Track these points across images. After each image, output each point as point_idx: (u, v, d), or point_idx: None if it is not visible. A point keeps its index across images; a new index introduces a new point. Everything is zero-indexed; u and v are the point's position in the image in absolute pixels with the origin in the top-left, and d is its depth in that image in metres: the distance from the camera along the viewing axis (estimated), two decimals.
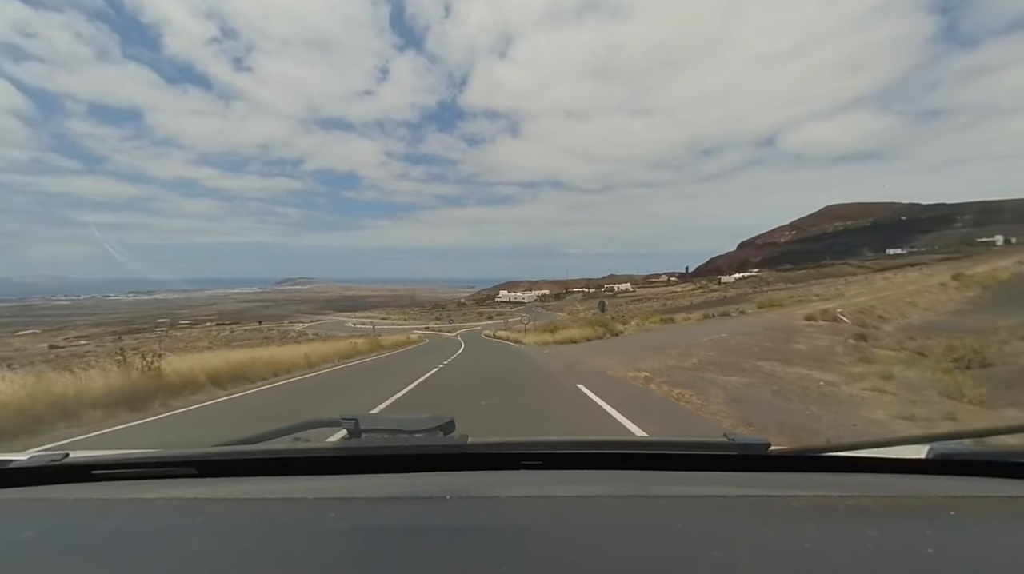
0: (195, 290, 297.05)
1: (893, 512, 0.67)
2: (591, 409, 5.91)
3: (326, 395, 8.43)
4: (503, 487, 0.81)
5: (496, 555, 0.55)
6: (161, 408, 6.82)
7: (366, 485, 0.83)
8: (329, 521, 0.64)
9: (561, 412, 5.94)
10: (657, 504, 0.71)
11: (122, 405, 6.48)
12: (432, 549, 0.57)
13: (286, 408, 7.07)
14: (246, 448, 1.03)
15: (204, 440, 1.20)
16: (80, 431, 5.37)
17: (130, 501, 0.79)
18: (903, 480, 0.87)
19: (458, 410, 1.56)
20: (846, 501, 0.69)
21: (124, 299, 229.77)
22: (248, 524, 0.66)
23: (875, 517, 0.64)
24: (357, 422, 1.03)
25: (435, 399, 7.31)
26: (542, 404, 6.45)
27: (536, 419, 5.56)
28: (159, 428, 5.67)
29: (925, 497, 0.75)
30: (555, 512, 0.68)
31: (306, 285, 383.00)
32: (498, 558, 0.54)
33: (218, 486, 0.88)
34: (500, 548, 0.58)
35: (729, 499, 0.71)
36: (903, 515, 0.67)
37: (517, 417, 5.62)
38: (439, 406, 6.41)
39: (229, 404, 7.39)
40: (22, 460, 0.96)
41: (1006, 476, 0.85)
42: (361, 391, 8.66)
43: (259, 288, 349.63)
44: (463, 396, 7.31)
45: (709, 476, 0.90)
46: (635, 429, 4.82)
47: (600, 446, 1.05)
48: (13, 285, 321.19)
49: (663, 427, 5.03)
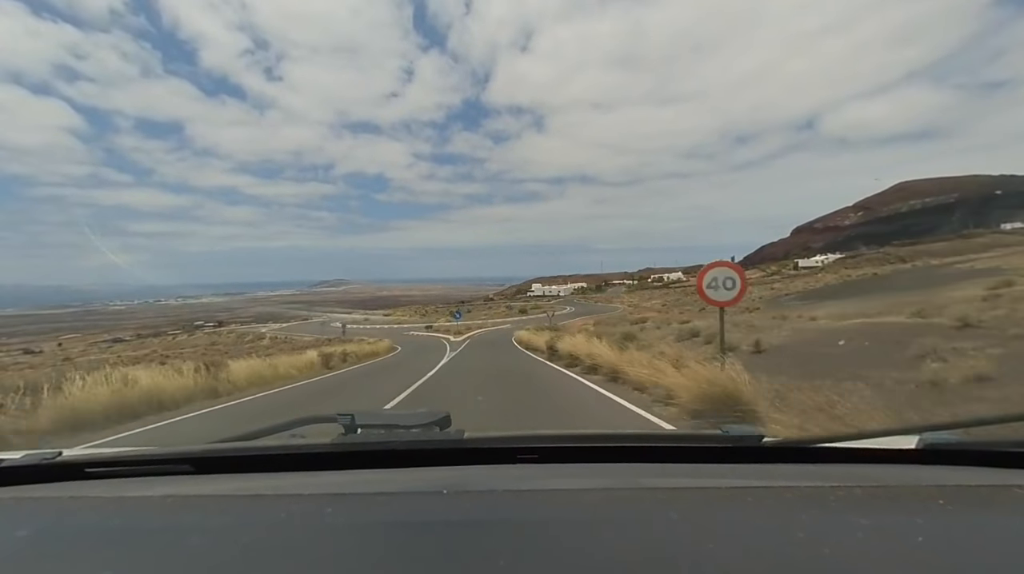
0: (238, 294, 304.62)
1: (884, 502, 0.68)
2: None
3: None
4: (500, 481, 0.81)
5: (494, 548, 0.55)
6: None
7: (363, 481, 0.83)
8: (326, 517, 0.64)
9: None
10: (652, 496, 0.71)
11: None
12: (430, 544, 0.57)
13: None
14: (242, 444, 1.02)
15: (203, 437, 1.15)
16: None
17: (125, 499, 0.78)
18: (894, 470, 0.88)
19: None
20: (838, 491, 0.69)
21: (172, 303, 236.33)
22: (245, 521, 0.65)
23: (866, 507, 0.65)
24: (353, 418, 1.03)
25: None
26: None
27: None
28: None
29: (916, 487, 0.75)
30: (552, 505, 0.68)
31: (340, 286, 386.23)
32: (496, 551, 0.54)
33: (214, 483, 0.88)
34: (498, 541, 0.57)
35: (723, 490, 0.72)
36: (894, 505, 0.67)
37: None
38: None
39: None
40: (15, 459, 0.95)
41: (996, 465, 0.86)
42: None
43: (297, 291, 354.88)
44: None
45: (704, 468, 0.91)
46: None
47: (596, 439, 1.05)
48: (74, 292, 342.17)
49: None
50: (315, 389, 11.37)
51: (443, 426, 1.01)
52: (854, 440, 0.95)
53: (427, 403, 8.74)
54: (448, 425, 1.02)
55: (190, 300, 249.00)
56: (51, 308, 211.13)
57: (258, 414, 7.98)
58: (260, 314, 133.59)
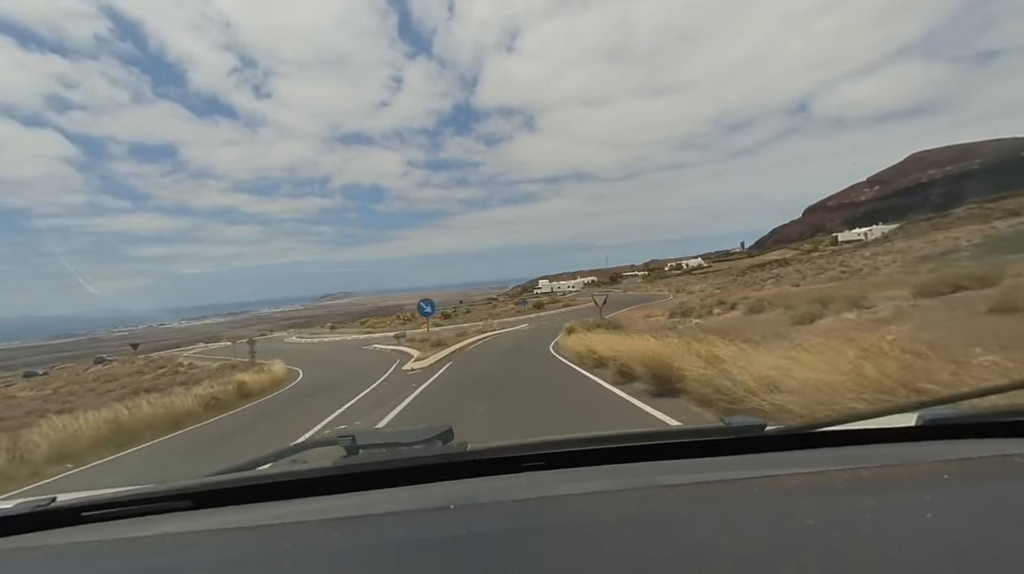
0: (242, 312, 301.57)
1: (888, 481, 0.68)
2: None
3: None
4: (507, 491, 0.80)
5: (506, 559, 0.54)
6: None
7: (369, 502, 0.82)
8: (333, 542, 0.62)
9: None
10: (661, 493, 0.71)
11: None
12: (441, 560, 0.55)
13: None
14: (241, 475, 1.00)
15: (199, 470, 1.14)
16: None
17: (122, 541, 0.75)
18: (896, 449, 0.89)
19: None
20: (843, 474, 0.69)
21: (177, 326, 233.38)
22: (248, 553, 0.63)
23: (871, 487, 0.65)
24: (354, 439, 1.02)
25: None
26: None
27: None
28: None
29: (918, 464, 0.75)
30: (561, 511, 0.67)
31: (344, 299, 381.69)
32: (508, 562, 0.53)
33: (214, 517, 0.85)
34: (509, 552, 0.56)
35: (731, 482, 0.72)
36: (899, 483, 0.67)
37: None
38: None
39: None
40: (6, 508, 0.92)
41: (994, 436, 0.87)
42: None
43: (299, 306, 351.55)
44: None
45: (709, 462, 0.91)
46: None
47: (600, 442, 1.03)
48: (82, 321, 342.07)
49: None
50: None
51: (445, 440, 1.01)
52: (854, 422, 0.95)
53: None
54: (451, 438, 1.02)
55: (193, 322, 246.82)
56: (53, 338, 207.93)
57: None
58: (198, 335, 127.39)
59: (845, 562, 0.48)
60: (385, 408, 8.73)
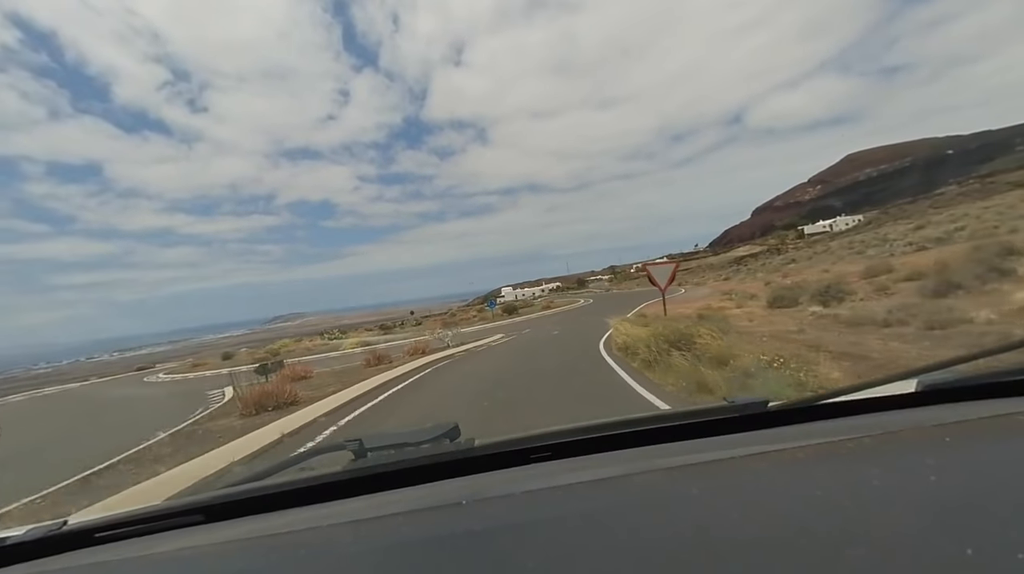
0: (184, 339, 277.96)
1: (892, 447, 0.69)
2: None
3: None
4: (517, 483, 0.80)
5: (521, 551, 0.55)
6: None
7: (380, 503, 0.82)
8: (346, 545, 0.63)
9: None
10: (669, 475, 0.71)
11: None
12: (456, 556, 0.56)
13: None
14: (251, 486, 0.99)
15: (209, 485, 1.16)
16: None
17: (136, 559, 0.75)
18: (897, 415, 0.90)
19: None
20: (847, 444, 0.70)
21: (107, 359, 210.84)
22: (261, 562, 0.63)
23: (876, 455, 0.66)
24: (361, 442, 1.03)
25: None
26: None
27: None
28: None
29: (920, 428, 0.76)
30: (571, 499, 0.68)
31: (296, 320, 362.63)
32: (524, 554, 0.54)
33: (227, 529, 0.85)
34: (524, 543, 0.57)
35: (738, 459, 0.72)
36: (902, 449, 0.68)
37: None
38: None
39: None
40: (18, 535, 0.90)
41: (992, 397, 0.89)
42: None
43: (247, 330, 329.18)
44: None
45: (715, 441, 0.91)
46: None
47: (605, 428, 1.03)
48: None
49: None
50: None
51: (452, 437, 1.02)
52: (855, 392, 0.96)
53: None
54: (458, 435, 1.03)
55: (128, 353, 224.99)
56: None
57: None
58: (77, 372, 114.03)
59: (856, 528, 0.49)
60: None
